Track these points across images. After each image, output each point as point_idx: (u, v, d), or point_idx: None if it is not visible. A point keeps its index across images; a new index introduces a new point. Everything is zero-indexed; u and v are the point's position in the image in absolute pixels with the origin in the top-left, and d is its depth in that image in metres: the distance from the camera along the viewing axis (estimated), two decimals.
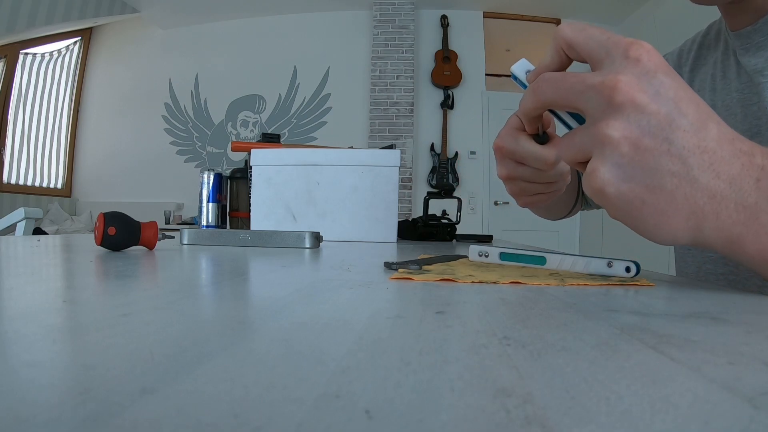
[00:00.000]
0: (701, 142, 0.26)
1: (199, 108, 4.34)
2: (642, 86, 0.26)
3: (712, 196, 0.26)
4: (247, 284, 0.31)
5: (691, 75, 0.59)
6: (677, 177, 0.26)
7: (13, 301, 0.22)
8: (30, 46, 3.88)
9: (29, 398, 0.10)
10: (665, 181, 0.26)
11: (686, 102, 0.26)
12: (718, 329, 0.18)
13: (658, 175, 0.26)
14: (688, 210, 0.26)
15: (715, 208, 0.26)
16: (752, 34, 0.48)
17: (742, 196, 0.26)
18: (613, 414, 0.10)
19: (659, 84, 0.26)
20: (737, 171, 0.26)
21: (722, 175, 0.26)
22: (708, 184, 0.26)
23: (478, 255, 0.41)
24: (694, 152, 0.26)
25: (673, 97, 0.26)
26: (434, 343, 0.15)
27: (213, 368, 0.12)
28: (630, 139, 0.26)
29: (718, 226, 0.26)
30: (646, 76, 0.26)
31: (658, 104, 0.26)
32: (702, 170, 0.26)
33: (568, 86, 0.29)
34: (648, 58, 0.26)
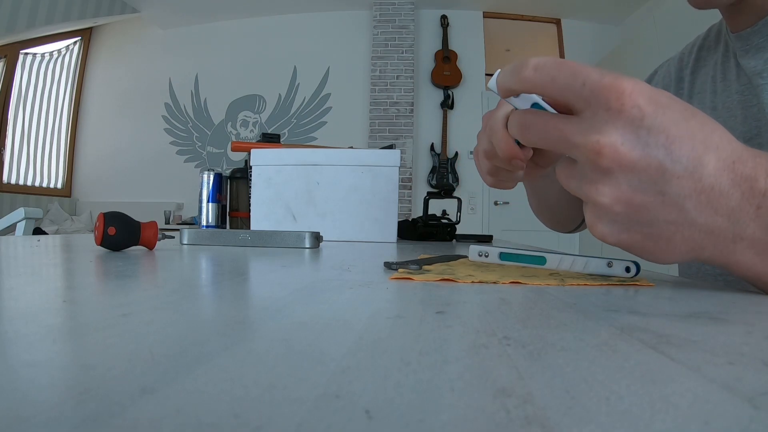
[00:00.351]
0: (697, 184, 0.25)
1: (199, 108, 4.34)
2: (628, 144, 0.24)
3: (710, 231, 0.26)
4: (247, 284, 0.31)
5: (692, 77, 0.59)
6: (674, 224, 0.26)
7: (13, 301, 0.22)
8: (30, 46, 3.88)
9: (29, 398, 0.10)
10: (663, 230, 0.26)
11: (680, 142, 0.25)
12: (718, 329, 0.18)
13: (655, 225, 0.26)
14: (687, 248, 0.27)
15: (713, 241, 0.26)
16: (752, 35, 0.48)
17: (740, 228, 0.26)
18: (613, 414, 0.10)
19: (646, 133, 0.24)
20: (736, 202, 0.25)
21: (720, 210, 0.25)
22: (706, 222, 0.26)
23: (478, 255, 0.41)
24: (691, 196, 0.25)
25: (663, 143, 0.25)
26: (434, 343, 0.15)
27: (213, 368, 0.12)
28: (621, 201, 0.26)
29: (715, 254, 0.27)
30: (632, 128, 0.24)
31: (647, 158, 0.25)
32: (699, 211, 0.25)
33: (551, 140, 0.28)
34: (632, 105, 0.24)
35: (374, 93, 3.96)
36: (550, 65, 0.27)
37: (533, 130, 0.28)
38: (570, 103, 0.27)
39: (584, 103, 0.26)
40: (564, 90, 0.26)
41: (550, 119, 0.27)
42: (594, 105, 0.25)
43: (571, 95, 0.26)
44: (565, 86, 0.26)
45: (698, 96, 0.57)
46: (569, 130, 0.26)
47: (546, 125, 0.27)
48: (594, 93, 0.25)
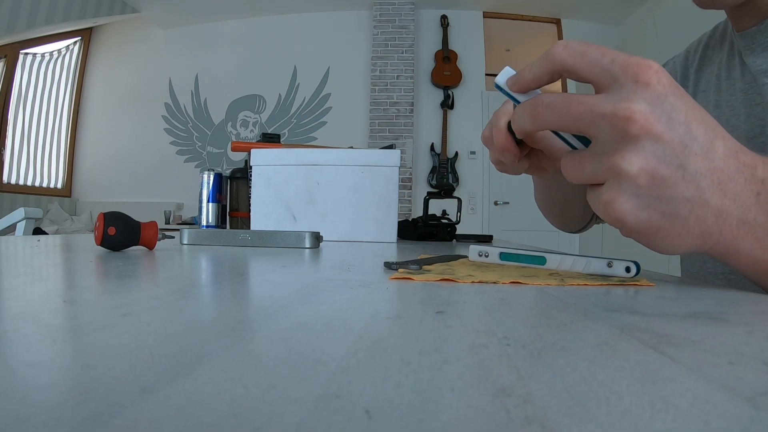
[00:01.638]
0: (711, 163, 0.26)
1: (199, 108, 4.34)
2: (656, 114, 0.26)
3: (719, 214, 0.27)
4: (247, 284, 0.31)
5: (697, 75, 0.59)
6: (691, 202, 0.27)
7: (13, 301, 0.22)
8: (30, 46, 3.88)
9: (29, 398, 0.10)
10: (680, 207, 0.27)
11: (696, 123, 0.26)
12: (718, 329, 0.18)
13: (674, 202, 0.27)
14: (698, 231, 0.27)
15: (720, 225, 0.27)
16: (757, 34, 0.49)
17: (743, 212, 0.27)
18: (613, 414, 0.10)
19: (671, 108, 0.26)
20: (741, 187, 0.27)
21: (728, 193, 0.27)
22: (716, 203, 0.27)
23: (478, 255, 0.41)
24: (706, 175, 0.26)
25: (684, 120, 0.26)
26: (434, 343, 0.15)
27: (213, 368, 0.12)
28: (647, 171, 0.26)
29: (720, 240, 0.28)
30: (658, 101, 0.26)
31: (671, 131, 0.26)
32: (712, 191, 0.26)
33: (575, 115, 0.27)
34: (658, 81, 0.26)
35: (374, 93, 3.96)
36: (580, 44, 0.28)
37: (554, 107, 0.28)
38: (597, 79, 0.27)
39: (612, 78, 0.27)
40: (593, 65, 0.27)
41: (573, 96, 0.28)
42: (622, 78, 0.26)
43: (599, 70, 0.27)
44: (595, 61, 0.27)
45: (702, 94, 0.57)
46: (595, 102, 0.27)
47: (569, 101, 0.28)
48: (623, 68, 0.26)
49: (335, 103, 4.16)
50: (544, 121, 0.29)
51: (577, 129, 0.28)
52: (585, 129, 0.28)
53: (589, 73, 0.28)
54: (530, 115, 0.29)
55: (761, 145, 0.48)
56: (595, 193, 0.29)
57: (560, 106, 0.28)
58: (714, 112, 0.54)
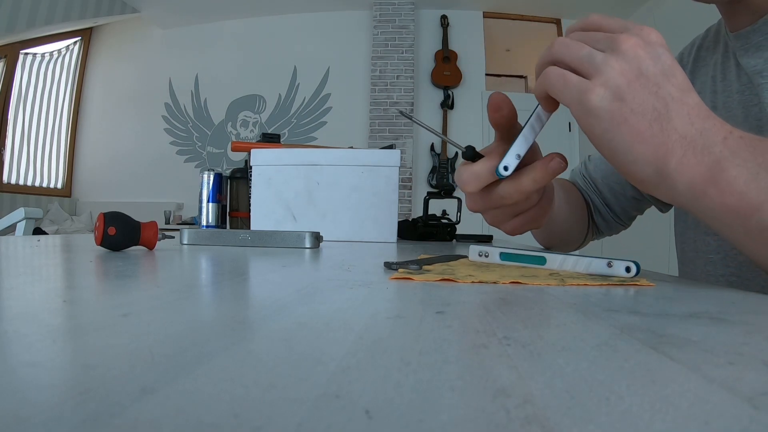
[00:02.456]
0: (684, 98, 0.31)
1: (199, 108, 4.34)
2: (646, 48, 0.31)
3: (683, 136, 0.30)
4: (247, 284, 0.31)
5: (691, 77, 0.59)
6: (657, 111, 0.31)
7: (13, 301, 0.22)
8: (30, 46, 3.88)
9: (29, 398, 0.10)
10: (647, 110, 0.31)
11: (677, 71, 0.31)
12: (718, 329, 0.18)
13: (643, 105, 0.31)
14: (658, 141, 0.31)
15: (684, 147, 0.30)
16: (751, 34, 0.48)
17: (708, 144, 0.30)
18: (613, 414, 0.10)
19: (661, 53, 0.31)
20: (709, 126, 0.31)
21: (695, 124, 0.31)
22: (682, 127, 0.30)
23: (478, 255, 0.41)
24: (677, 101, 0.31)
25: (669, 65, 0.31)
26: (434, 343, 0.15)
27: (213, 368, 0.12)
28: (627, 75, 0.31)
29: (683, 163, 0.31)
30: (651, 45, 0.32)
31: (655, 63, 0.31)
32: (679, 116, 0.31)
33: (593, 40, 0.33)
34: (655, 36, 0.32)
35: (374, 93, 3.96)
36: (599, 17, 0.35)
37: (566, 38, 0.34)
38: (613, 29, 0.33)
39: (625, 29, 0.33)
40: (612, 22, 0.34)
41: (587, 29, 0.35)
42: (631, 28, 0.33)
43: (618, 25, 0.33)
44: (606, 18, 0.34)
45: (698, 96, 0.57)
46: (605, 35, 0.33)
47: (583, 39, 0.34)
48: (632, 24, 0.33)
49: (335, 103, 4.16)
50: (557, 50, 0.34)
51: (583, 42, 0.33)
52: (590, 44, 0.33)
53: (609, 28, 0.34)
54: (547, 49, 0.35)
55: None
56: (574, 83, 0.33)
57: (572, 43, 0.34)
58: None
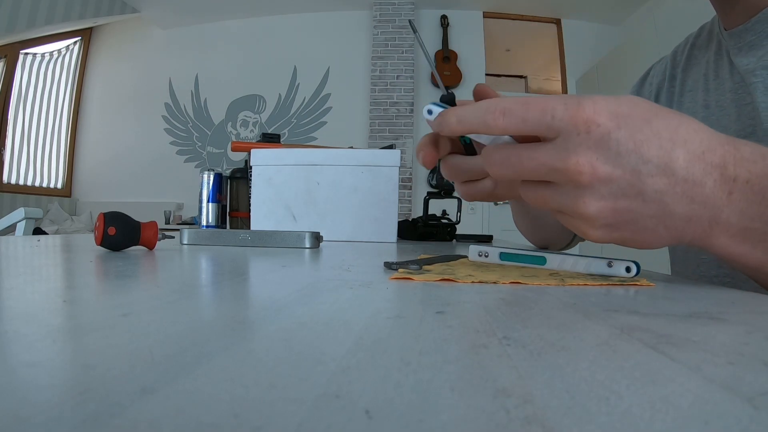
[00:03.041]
0: (671, 178, 0.27)
1: (199, 108, 4.34)
2: (602, 158, 0.27)
3: (689, 219, 0.28)
4: (247, 284, 0.31)
5: (683, 75, 0.59)
6: (656, 217, 0.28)
7: (13, 301, 0.22)
8: (30, 46, 3.88)
9: (29, 398, 0.10)
10: (647, 223, 0.29)
11: (647, 145, 0.27)
12: (718, 329, 0.18)
13: (640, 221, 0.28)
14: (669, 236, 0.29)
15: (692, 227, 0.29)
16: (744, 33, 0.48)
17: (714, 213, 0.28)
18: (613, 414, 0.10)
19: (616, 144, 0.27)
20: (710, 190, 0.27)
21: (696, 198, 0.27)
22: (684, 212, 0.28)
23: (478, 255, 0.41)
24: (667, 191, 0.27)
25: (633, 148, 0.27)
26: (434, 343, 0.15)
27: (213, 368, 0.12)
28: (606, 208, 0.28)
29: (694, 238, 0.29)
30: (603, 143, 0.27)
31: (621, 166, 0.27)
32: (677, 202, 0.27)
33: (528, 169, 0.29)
34: (598, 123, 0.27)
35: (374, 93, 3.96)
36: (518, 108, 0.28)
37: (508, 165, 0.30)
38: (543, 135, 0.29)
39: (555, 132, 0.28)
40: (537, 126, 0.28)
41: (523, 151, 0.29)
42: (565, 130, 0.27)
43: (543, 129, 0.28)
44: (537, 122, 0.28)
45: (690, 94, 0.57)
46: (546, 157, 0.28)
47: (520, 158, 0.29)
48: (563, 122, 0.27)
49: (335, 103, 4.16)
50: (498, 174, 0.31)
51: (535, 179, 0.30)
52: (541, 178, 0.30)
53: (535, 132, 0.29)
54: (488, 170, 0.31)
55: None
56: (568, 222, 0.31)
57: (511, 162, 0.30)
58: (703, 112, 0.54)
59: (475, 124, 0.30)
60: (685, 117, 0.28)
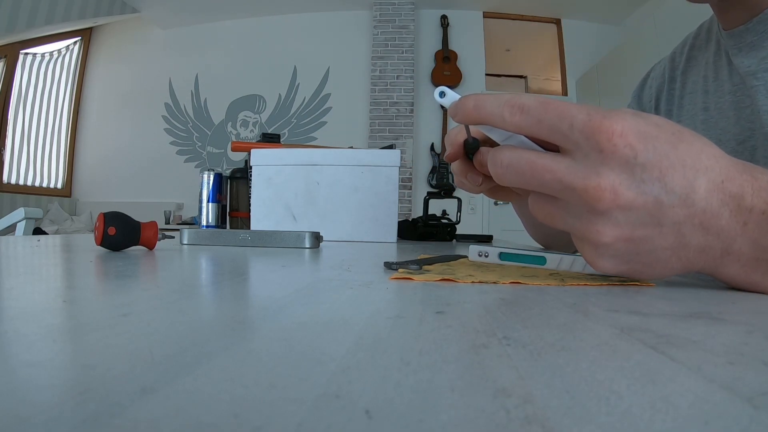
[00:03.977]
0: (690, 209, 0.26)
1: (199, 108, 4.34)
2: (625, 184, 0.25)
3: (702, 250, 0.27)
4: (247, 284, 0.31)
5: (683, 77, 0.58)
6: (671, 249, 0.27)
7: (13, 301, 0.22)
8: (30, 46, 3.88)
9: (29, 398, 0.10)
10: (660, 255, 0.27)
11: (671, 171, 0.25)
12: (718, 329, 0.18)
13: (654, 254, 0.27)
14: (680, 267, 0.28)
15: (704, 258, 0.28)
16: (745, 33, 0.47)
17: (728, 243, 0.27)
18: (613, 414, 0.10)
19: (641, 170, 0.25)
20: (725, 221, 0.26)
21: (711, 230, 0.26)
22: (698, 243, 0.27)
23: (478, 255, 0.40)
24: (685, 222, 0.26)
25: (658, 176, 0.25)
26: (434, 343, 0.15)
27: (213, 368, 0.12)
28: (622, 238, 0.26)
29: (704, 268, 0.28)
30: (627, 168, 0.25)
31: (644, 195, 0.25)
32: (693, 233, 0.26)
33: (540, 182, 0.27)
34: (624, 144, 0.24)
35: (374, 93, 3.96)
36: (536, 107, 0.26)
37: (520, 172, 0.27)
38: (559, 144, 0.27)
39: (574, 144, 0.26)
40: (551, 132, 0.26)
41: (538, 160, 0.27)
42: (585, 147, 0.25)
43: (559, 137, 0.26)
44: (553, 128, 0.26)
45: (690, 96, 0.57)
46: (563, 172, 0.26)
47: (534, 167, 0.27)
48: (584, 135, 0.25)
49: (335, 103, 4.16)
50: (506, 181, 0.28)
51: (545, 192, 0.28)
52: (553, 194, 0.27)
53: (550, 138, 0.27)
54: (492, 171, 0.29)
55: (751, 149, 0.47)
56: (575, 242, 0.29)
57: (523, 170, 0.27)
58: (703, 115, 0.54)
59: (492, 115, 0.28)
60: (705, 141, 0.27)
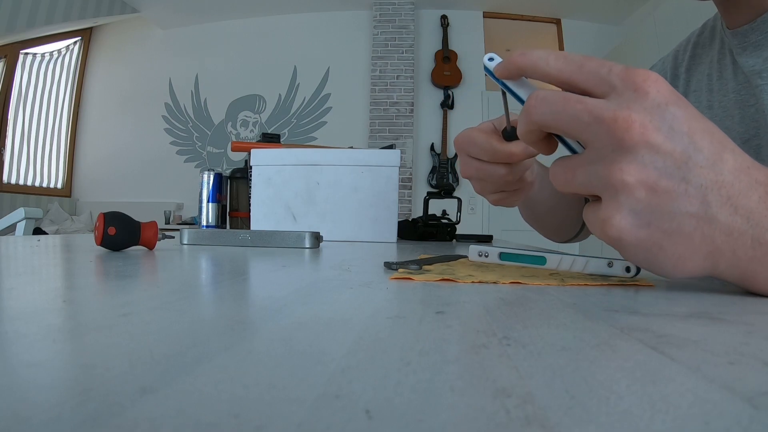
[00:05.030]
0: (718, 176, 0.24)
1: (199, 108, 4.34)
2: (655, 123, 0.24)
3: (729, 233, 0.25)
4: (247, 284, 0.31)
5: (687, 75, 0.58)
6: (695, 218, 0.25)
7: (13, 301, 0.22)
8: (30, 46, 3.88)
9: (29, 398, 0.10)
10: (684, 223, 0.25)
11: (700, 134, 0.25)
12: (718, 329, 0.18)
13: (677, 218, 0.25)
14: (705, 251, 0.25)
15: (732, 245, 0.25)
16: (750, 32, 0.47)
17: (758, 231, 0.25)
18: (613, 414, 0.10)
19: (672, 118, 0.24)
20: (755, 204, 0.25)
21: (740, 209, 0.25)
22: (726, 221, 0.25)
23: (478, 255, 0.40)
24: (712, 189, 0.24)
25: (687, 131, 0.24)
26: (434, 343, 0.15)
27: (213, 368, 0.12)
28: (646, 184, 0.24)
29: (734, 263, 0.26)
30: (658, 111, 0.24)
31: (673, 142, 0.24)
32: (720, 206, 0.24)
33: (570, 113, 0.26)
34: (657, 90, 0.24)
35: (374, 93, 3.96)
36: (578, 57, 0.27)
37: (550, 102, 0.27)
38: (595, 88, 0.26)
39: (610, 87, 0.26)
40: (591, 75, 0.26)
41: (571, 95, 0.27)
42: (620, 87, 0.25)
43: (597, 80, 0.26)
44: (593, 72, 0.26)
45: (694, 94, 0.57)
46: (594, 104, 0.25)
47: (567, 98, 0.26)
48: (621, 77, 0.25)
49: (335, 103, 4.16)
50: (538, 114, 0.27)
51: (572, 130, 0.26)
52: (580, 132, 0.26)
53: (587, 83, 0.27)
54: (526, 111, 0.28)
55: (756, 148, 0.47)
56: (591, 210, 0.28)
57: (556, 101, 0.27)
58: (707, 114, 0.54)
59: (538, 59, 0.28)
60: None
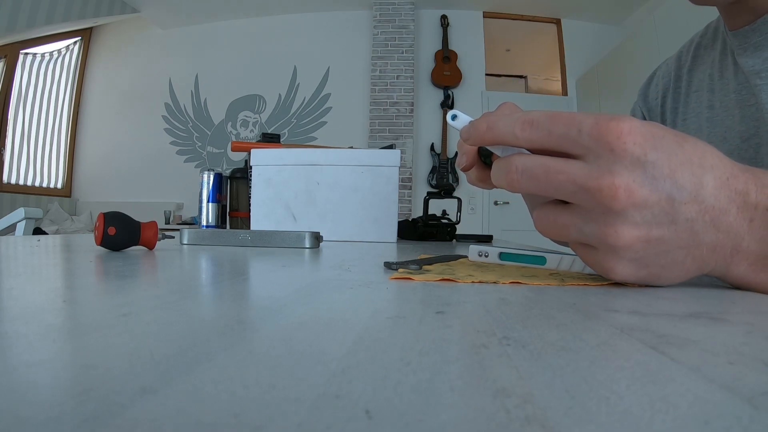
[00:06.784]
0: (701, 205, 0.26)
1: (199, 108, 4.34)
2: (638, 181, 0.25)
3: (713, 248, 0.27)
4: (247, 284, 0.31)
5: (689, 75, 0.59)
6: (686, 248, 0.27)
7: (13, 301, 0.22)
8: (30, 46, 3.88)
9: (29, 398, 0.10)
10: (677, 255, 0.27)
11: (680, 170, 0.26)
12: (718, 329, 0.18)
13: (670, 254, 0.27)
14: (695, 268, 0.28)
15: (716, 257, 0.28)
16: (750, 33, 0.48)
17: (736, 241, 0.27)
18: (613, 414, 0.10)
19: (652, 168, 0.25)
20: (733, 217, 0.27)
21: (721, 227, 0.27)
22: (710, 241, 0.27)
23: (478, 255, 0.40)
24: (697, 219, 0.26)
25: (668, 173, 0.25)
26: (434, 343, 0.15)
27: (213, 368, 0.12)
28: (641, 238, 0.26)
29: (716, 268, 0.28)
30: (639, 165, 0.25)
31: (657, 192, 0.25)
32: (705, 230, 0.26)
33: (554, 185, 0.27)
34: (633, 142, 0.25)
35: (374, 93, 3.96)
36: (545, 120, 0.27)
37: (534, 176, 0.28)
38: (569, 151, 0.27)
39: (584, 149, 0.26)
40: (562, 140, 0.27)
41: (551, 163, 0.27)
42: (596, 149, 0.26)
43: (569, 144, 0.27)
44: (563, 136, 0.27)
45: (695, 94, 0.57)
46: (576, 174, 0.26)
47: (548, 170, 0.27)
48: (593, 137, 0.26)
49: (335, 103, 4.16)
50: (521, 187, 0.28)
51: (558, 197, 0.28)
52: (566, 198, 0.27)
53: (560, 147, 0.27)
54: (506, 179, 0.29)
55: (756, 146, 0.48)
56: (589, 256, 0.29)
57: (538, 175, 0.27)
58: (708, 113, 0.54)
59: (505, 134, 0.29)
60: (707, 144, 0.27)
